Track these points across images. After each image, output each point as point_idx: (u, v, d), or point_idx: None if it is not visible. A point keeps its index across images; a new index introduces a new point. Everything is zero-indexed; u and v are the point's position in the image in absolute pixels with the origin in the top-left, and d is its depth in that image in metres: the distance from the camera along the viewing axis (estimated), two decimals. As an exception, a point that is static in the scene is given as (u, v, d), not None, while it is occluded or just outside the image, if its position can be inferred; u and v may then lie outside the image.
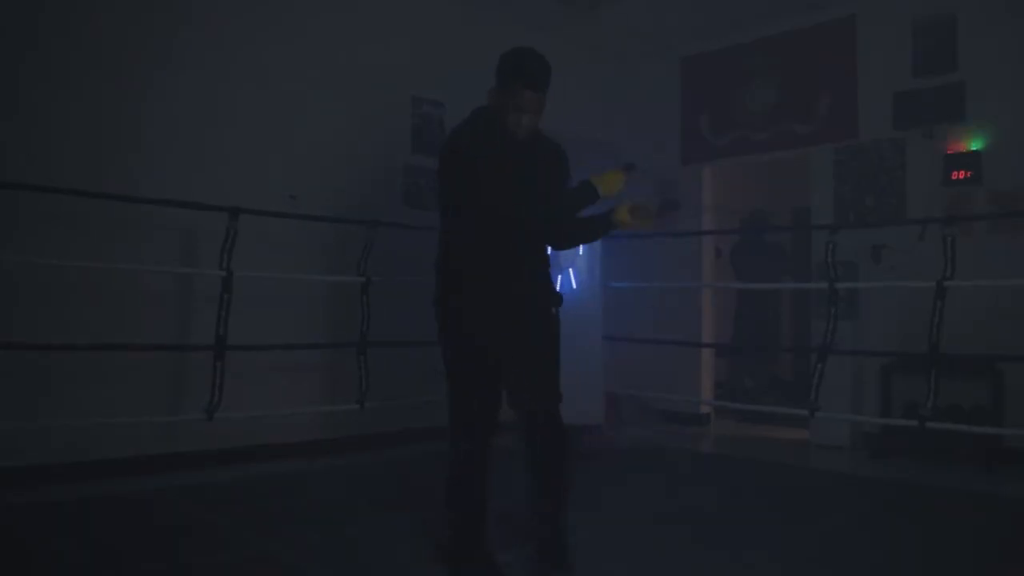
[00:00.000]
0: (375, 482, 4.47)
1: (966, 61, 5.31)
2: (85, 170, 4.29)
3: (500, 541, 3.18)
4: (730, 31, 6.46)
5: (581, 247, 4.97)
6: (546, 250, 3.06)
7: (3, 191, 3.81)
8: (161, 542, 3.27)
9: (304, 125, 5.26)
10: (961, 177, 5.31)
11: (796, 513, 3.80)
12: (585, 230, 3.08)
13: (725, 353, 7.70)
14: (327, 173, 5.34)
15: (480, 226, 2.83)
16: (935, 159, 5.42)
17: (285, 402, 4.89)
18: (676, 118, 6.85)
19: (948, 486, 4.41)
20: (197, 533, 3.42)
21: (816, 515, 3.79)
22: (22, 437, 3.95)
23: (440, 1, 6.08)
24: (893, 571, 3.00)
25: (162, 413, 4.55)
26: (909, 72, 5.56)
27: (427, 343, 5.55)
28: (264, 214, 4.62)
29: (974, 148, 5.26)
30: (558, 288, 3.39)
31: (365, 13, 5.65)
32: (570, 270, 5.31)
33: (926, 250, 4.89)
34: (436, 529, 3.16)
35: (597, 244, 5.11)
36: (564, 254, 5.12)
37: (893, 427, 5.02)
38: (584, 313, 5.15)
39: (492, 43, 6.25)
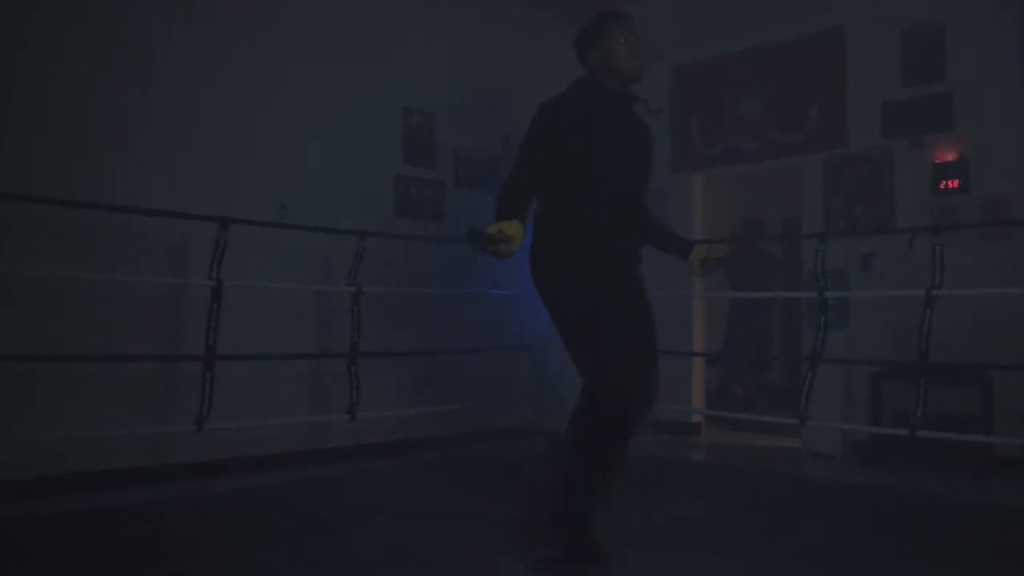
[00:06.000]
0: (367, 492, 4.45)
1: (954, 70, 5.35)
2: (74, 180, 4.28)
3: (502, 546, 3.19)
4: (722, 41, 6.49)
5: None
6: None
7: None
8: (154, 553, 3.25)
9: (294, 135, 5.26)
10: (950, 186, 5.34)
11: (788, 521, 3.80)
12: (656, 240, 3.13)
13: (717, 362, 7.72)
14: (317, 183, 5.34)
15: (593, 190, 2.77)
16: (924, 168, 5.46)
17: (275, 412, 4.87)
18: (667, 126, 6.87)
19: (939, 494, 4.42)
20: (190, 544, 3.40)
21: (808, 523, 3.78)
22: (12, 449, 3.91)
23: (431, 14, 6.10)
24: (885, 579, 3.01)
25: (152, 424, 4.53)
26: (898, 82, 5.59)
27: (419, 354, 5.60)
28: (254, 224, 4.62)
29: (962, 157, 5.30)
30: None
31: (357, 24, 5.67)
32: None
33: (916, 258, 4.91)
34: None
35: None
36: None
37: (884, 435, 5.04)
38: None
39: (484, 55, 6.40)
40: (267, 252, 4.91)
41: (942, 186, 5.36)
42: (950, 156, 5.35)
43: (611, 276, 2.79)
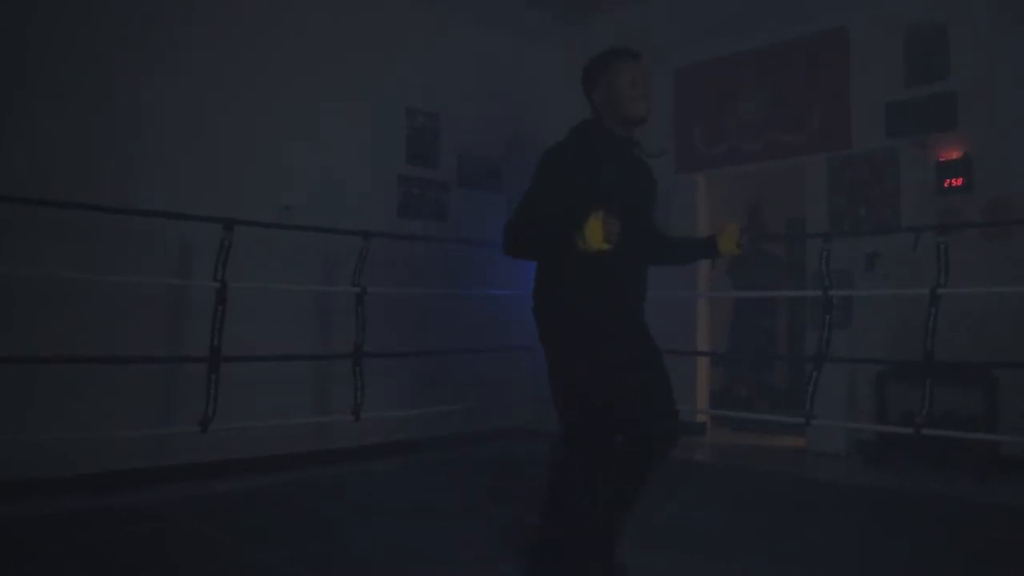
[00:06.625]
0: (367, 492, 4.45)
1: (958, 70, 5.34)
2: (78, 182, 4.28)
3: (502, 546, 3.19)
4: (723, 41, 6.48)
5: None
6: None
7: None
8: (154, 553, 3.26)
9: (296, 135, 5.26)
10: (954, 185, 5.32)
11: (788, 521, 3.79)
12: (678, 258, 3.09)
13: (721, 362, 7.70)
14: (319, 183, 5.34)
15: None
16: (928, 167, 5.44)
17: (280, 413, 4.86)
18: (669, 127, 6.85)
19: (943, 493, 4.40)
20: (190, 544, 3.40)
21: (808, 523, 3.78)
22: (12, 449, 3.91)
23: (431, 14, 6.10)
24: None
25: (156, 425, 4.53)
26: (901, 81, 5.58)
27: (421, 354, 5.60)
28: (258, 225, 4.61)
29: (966, 156, 5.28)
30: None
31: (359, 24, 5.67)
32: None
33: (920, 259, 4.89)
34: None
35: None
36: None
37: (889, 434, 5.02)
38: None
39: (487, 56, 6.41)
40: (269, 253, 4.90)
41: (947, 184, 5.35)
42: (954, 155, 5.34)
43: (614, 317, 2.75)
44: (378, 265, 5.13)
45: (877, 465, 5.17)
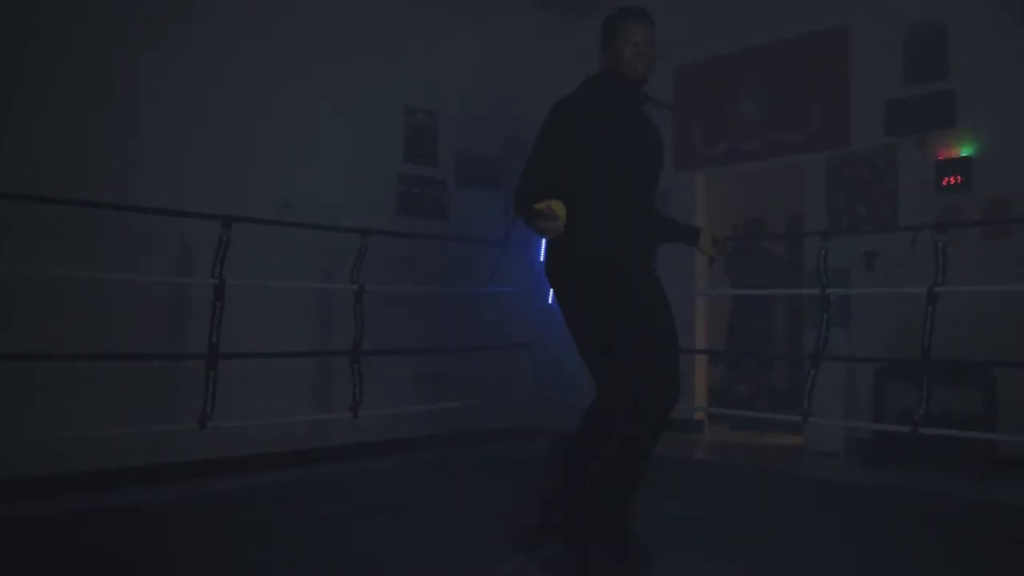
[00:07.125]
0: (369, 491, 4.45)
1: (957, 69, 5.34)
2: (76, 179, 4.28)
3: (502, 546, 3.19)
4: (723, 41, 6.49)
5: None
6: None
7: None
8: (154, 553, 3.25)
9: (295, 134, 5.25)
10: (952, 183, 5.33)
11: (788, 521, 3.80)
12: (662, 236, 3.12)
13: (719, 360, 7.71)
14: (319, 181, 5.34)
15: (605, 183, 2.78)
16: (927, 166, 5.45)
17: (278, 411, 4.86)
18: (669, 126, 6.84)
19: (941, 492, 4.40)
20: (190, 543, 3.40)
21: (808, 523, 3.78)
22: (12, 449, 3.91)
23: (431, 14, 6.09)
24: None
25: (154, 422, 4.53)
26: (901, 80, 5.58)
27: (420, 352, 5.61)
28: (257, 222, 4.62)
29: (965, 154, 5.29)
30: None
31: (358, 22, 5.66)
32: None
33: (918, 257, 4.90)
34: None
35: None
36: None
37: (887, 433, 5.03)
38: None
39: (485, 53, 6.40)
40: (269, 250, 4.90)
41: (945, 182, 5.35)
42: (953, 153, 5.34)
43: (620, 274, 2.79)
44: (377, 263, 5.14)
45: (875, 464, 5.18)
